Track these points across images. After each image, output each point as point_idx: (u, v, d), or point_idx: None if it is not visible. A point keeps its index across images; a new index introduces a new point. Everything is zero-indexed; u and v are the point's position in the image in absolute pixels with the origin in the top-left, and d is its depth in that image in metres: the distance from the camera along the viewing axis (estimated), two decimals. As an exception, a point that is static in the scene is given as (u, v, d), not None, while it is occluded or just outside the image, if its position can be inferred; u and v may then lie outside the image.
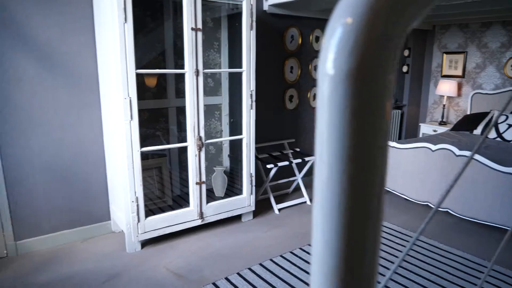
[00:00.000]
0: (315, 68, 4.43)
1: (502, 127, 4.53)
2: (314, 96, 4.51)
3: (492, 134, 4.59)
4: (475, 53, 5.32)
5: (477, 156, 3.32)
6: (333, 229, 0.27)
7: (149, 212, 3.14)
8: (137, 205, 2.89)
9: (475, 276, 2.75)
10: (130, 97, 2.70)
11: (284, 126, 4.30)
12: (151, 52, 3.45)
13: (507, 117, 4.57)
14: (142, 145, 2.87)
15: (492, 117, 4.75)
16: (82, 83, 3.03)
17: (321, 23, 4.37)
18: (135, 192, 2.86)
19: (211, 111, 3.79)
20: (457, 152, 3.46)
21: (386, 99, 0.25)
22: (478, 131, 4.79)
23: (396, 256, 3.03)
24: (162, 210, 3.27)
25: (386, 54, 0.25)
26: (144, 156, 3.52)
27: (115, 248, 3.08)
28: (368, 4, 0.26)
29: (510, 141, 4.41)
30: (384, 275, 2.75)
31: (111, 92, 2.83)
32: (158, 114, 3.66)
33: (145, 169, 3.66)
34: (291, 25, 4.10)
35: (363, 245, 0.28)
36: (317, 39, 4.37)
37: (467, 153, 3.40)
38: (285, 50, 4.12)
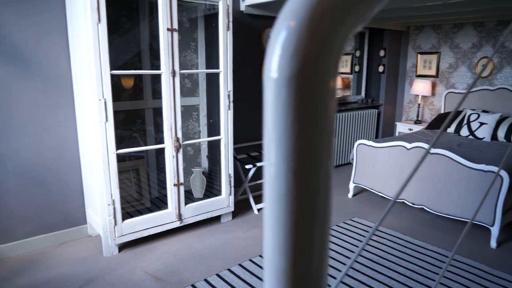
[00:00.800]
0: (293, 68, 4.45)
1: (474, 125, 4.67)
2: (292, 96, 4.53)
3: (465, 132, 4.72)
4: (448, 53, 5.46)
5: (450, 154, 3.41)
6: (280, 229, 0.28)
7: (127, 215, 3.10)
8: (114, 208, 2.85)
9: (449, 271, 2.82)
10: (105, 99, 2.66)
11: (263, 126, 4.31)
12: (126, 52, 3.40)
13: (479, 115, 4.71)
14: (118, 147, 2.83)
15: (464, 116, 4.88)
16: (55, 84, 2.97)
17: (298, 24, 4.40)
18: (111, 195, 2.82)
19: (188, 112, 3.77)
20: (431, 150, 3.54)
21: (329, 101, 0.26)
22: (451, 129, 4.92)
23: (372, 253, 3.08)
24: (140, 212, 3.23)
25: (328, 58, 0.26)
26: (121, 158, 3.47)
27: (91, 252, 3.03)
28: (311, 8, 0.27)
29: (482, 138, 4.54)
30: (367, 274, 2.79)
31: (86, 93, 2.78)
32: (135, 115, 3.62)
33: (122, 171, 3.61)
34: (268, 26, 4.12)
35: (310, 244, 0.28)
36: (295, 39, 4.40)
37: (442, 151, 3.49)
38: (263, 50, 4.13)
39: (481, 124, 4.63)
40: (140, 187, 3.80)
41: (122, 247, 3.08)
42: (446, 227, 3.60)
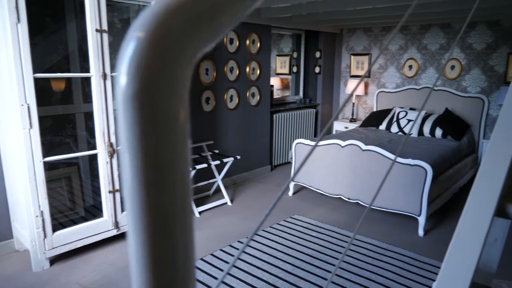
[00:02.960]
0: (231, 70, 4.47)
1: (402, 122, 4.98)
2: (231, 98, 4.55)
3: (395, 129, 5.02)
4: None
5: (380, 150, 3.61)
6: (139, 241, 0.28)
7: (59, 226, 2.94)
8: (43, 220, 2.68)
9: (381, 260, 2.99)
10: (28, 104, 2.49)
11: (202, 128, 4.29)
12: (53, 54, 3.22)
13: (406, 113, 5.03)
14: (47, 154, 2.67)
15: (394, 114, 5.19)
16: (-28, 89, 2.73)
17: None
18: (39, 206, 2.65)
19: (124, 116, 3.65)
20: (364, 147, 3.72)
21: (175, 122, 0.26)
22: (383, 126, 5.21)
23: (311, 248, 3.18)
24: (74, 222, 3.07)
25: (173, 77, 0.26)
26: (53, 166, 3.28)
27: (19, 268, 2.83)
28: (160, 21, 0.27)
29: (410, 134, 4.86)
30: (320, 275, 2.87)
31: (6, 98, 2.59)
32: (66, 120, 3.44)
33: (53, 180, 3.42)
34: (204, 27, 4.10)
35: (172, 255, 0.29)
36: (231, 41, 4.42)
37: (373, 147, 3.68)
38: (200, 52, 4.10)
39: (409, 121, 4.94)
40: (74, 195, 3.62)
41: (54, 260, 2.91)
42: (379, 219, 3.80)
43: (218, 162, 3.87)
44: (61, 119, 3.48)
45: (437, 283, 0.77)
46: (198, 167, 3.61)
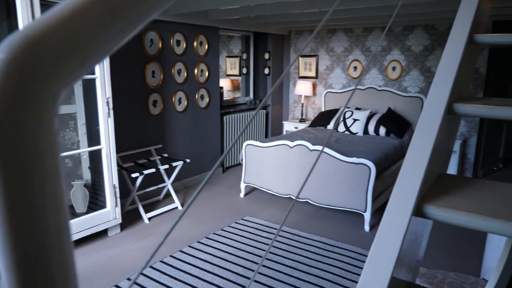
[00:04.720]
0: (178, 72, 4.41)
1: (349, 122, 5.15)
2: (180, 100, 4.49)
3: (342, 128, 5.18)
4: (325, 56, 5.94)
5: (326, 149, 3.72)
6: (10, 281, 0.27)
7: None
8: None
9: (330, 257, 3.07)
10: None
11: (150, 132, 4.19)
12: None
13: (352, 112, 5.22)
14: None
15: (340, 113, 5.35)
16: None
17: (182, 27, 4.38)
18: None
19: (64, 121, 3.49)
20: (311, 147, 3.81)
21: (42, 152, 0.25)
22: (330, 126, 5.36)
23: (263, 250, 3.21)
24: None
25: (37, 107, 0.25)
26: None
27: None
28: (28, 46, 0.26)
29: (356, 133, 5.04)
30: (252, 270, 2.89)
31: None
32: None
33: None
34: (149, 29, 4.01)
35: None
36: (178, 42, 4.36)
37: (320, 147, 3.78)
38: (145, 54, 4.01)
39: (355, 120, 5.13)
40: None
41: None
42: (328, 216, 3.91)
43: (167, 166, 3.80)
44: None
45: (361, 279, 0.80)
46: (146, 172, 3.52)
